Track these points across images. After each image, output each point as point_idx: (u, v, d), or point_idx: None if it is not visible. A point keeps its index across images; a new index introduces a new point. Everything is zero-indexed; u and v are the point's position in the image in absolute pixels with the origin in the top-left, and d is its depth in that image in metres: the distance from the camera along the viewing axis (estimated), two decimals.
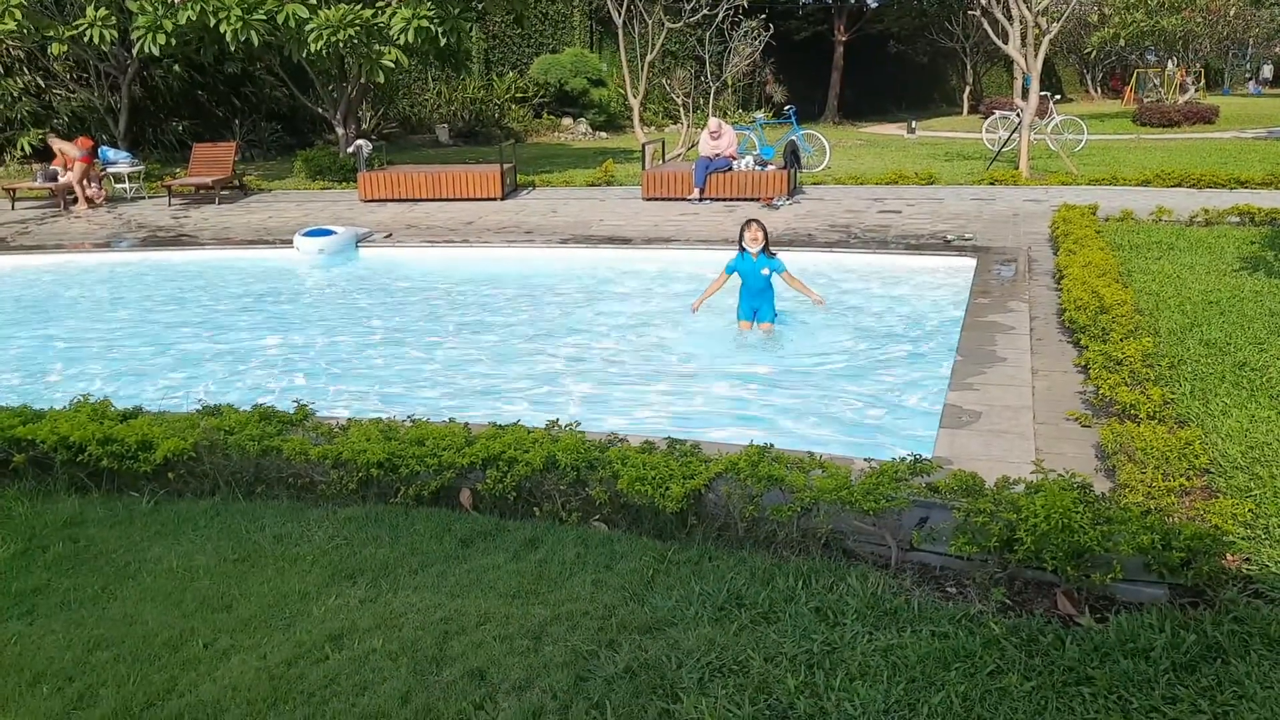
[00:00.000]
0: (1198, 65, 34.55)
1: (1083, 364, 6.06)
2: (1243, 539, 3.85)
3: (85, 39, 15.61)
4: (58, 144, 15.77)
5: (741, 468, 4.13)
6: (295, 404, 5.29)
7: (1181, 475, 4.29)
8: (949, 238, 10.77)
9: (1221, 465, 4.56)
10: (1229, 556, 3.67)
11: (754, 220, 7.77)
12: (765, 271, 7.62)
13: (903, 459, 4.22)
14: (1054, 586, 3.61)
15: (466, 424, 4.92)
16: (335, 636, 3.50)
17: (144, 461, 4.78)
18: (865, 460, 4.43)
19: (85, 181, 15.49)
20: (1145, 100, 31.76)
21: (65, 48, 16.30)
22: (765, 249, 7.64)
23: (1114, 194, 13.27)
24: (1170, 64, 33.25)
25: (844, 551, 3.99)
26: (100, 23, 15.17)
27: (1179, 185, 13.85)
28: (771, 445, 4.41)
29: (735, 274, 7.72)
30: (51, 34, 16.04)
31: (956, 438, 5.11)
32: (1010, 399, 5.65)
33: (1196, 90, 32.18)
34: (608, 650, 3.33)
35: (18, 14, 14.89)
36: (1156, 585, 3.53)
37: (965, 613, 3.48)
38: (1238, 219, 10.82)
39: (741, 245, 7.68)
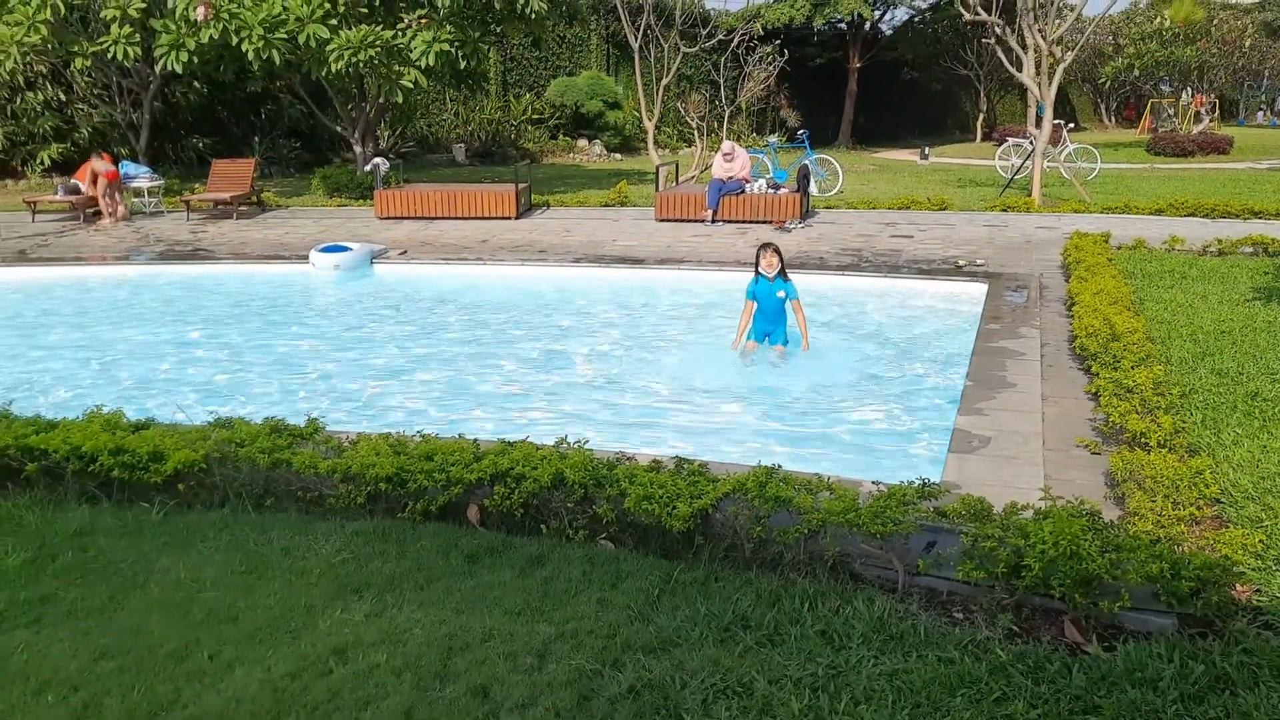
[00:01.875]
0: (1213, 96, 34.53)
1: (1093, 391, 6.05)
2: (1253, 570, 3.82)
3: (109, 55, 15.79)
4: (94, 165, 15.84)
5: (749, 488, 4.13)
6: (306, 417, 5.32)
7: (1192, 504, 4.26)
8: (960, 263, 10.77)
9: (1232, 495, 4.54)
10: (1239, 587, 3.64)
11: (770, 245, 7.80)
12: (780, 295, 7.65)
13: (911, 483, 4.21)
14: (1061, 614, 3.59)
15: (475, 440, 4.93)
16: (340, 650, 3.50)
17: (155, 472, 4.81)
18: (873, 483, 4.42)
19: (109, 196, 15.63)
20: (1159, 130, 31.75)
21: (89, 63, 16.50)
22: (781, 273, 7.67)
23: (1127, 222, 13.26)
24: (1185, 93, 33.26)
25: (851, 575, 3.98)
26: (124, 40, 15.35)
27: (1192, 215, 13.83)
28: (779, 466, 4.41)
29: (754, 298, 7.74)
30: (76, 50, 16.24)
31: (965, 462, 5.10)
32: (1020, 425, 5.64)
33: (1211, 120, 32.16)
34: (612, 670, 3.33)
35: (43, 29, 15.09)
36: (1165, 615, 3.51)
37: (972, 639, 3.46)
38: (1251, 249, 10.80)
39: (757, 270, 7.72)
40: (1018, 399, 6.13)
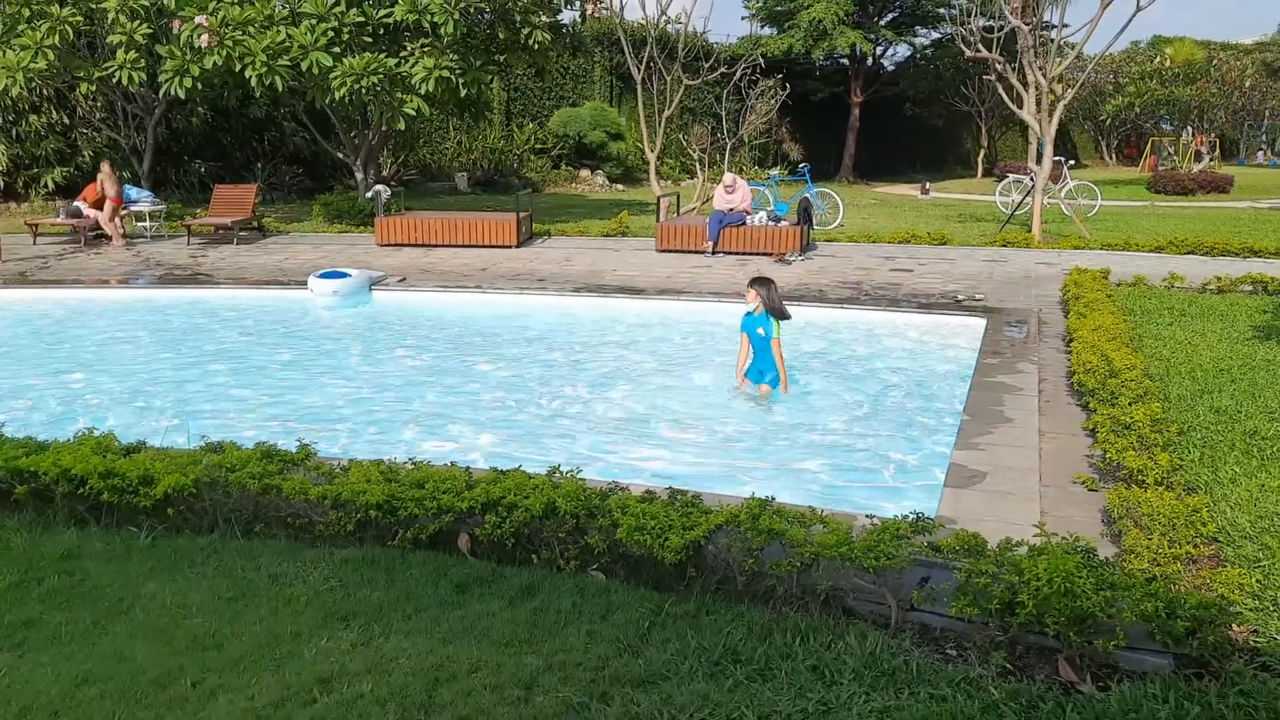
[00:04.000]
0: (1213, 135, 34.74)
1: (1091, 428, 6.02)
2: (1250, 610, 3.78)
3: (114, 80, 15.90)
4: (105, 176, 15.82)
5: (742, 520, 4.09)
6: (298, 443, 5.29)
7: (1188, 543, 4.23)
8: (960, 298, 10.78)
9: (1230, 534, 4.50)
10: (1235, 627, 3.60)
11: (755, 280, 7.74)
12: (760, 331, 7.60)
13: (905, 517, 4.17)
14: (1056, 652, 3.54)
15: (467, 468, 4.90)
16: (324, 679, 3.46)
17: (144, 496, 4.77)
18: (867, 517, 4.39)
19: (114, 219, 15.60)
20: (1160, 168, 31.91)
21: (94, 88, 16.61)
22: (772, 311, 7.59)
23: (1126, 259, 13.28)
24: (1186, 132, 33.46)
25: (843, 609, 3.93)
26: (129, 65, 15.46)
27: (1192, 253, 13.86)
28: (773, 499, 4.38)
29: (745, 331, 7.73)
30: (82, 75, 16.35)
31: (961, 497, 5.06)
32: (1016, 460, 5.61)
33: (1212, 159, 32.33)
34: (599, 703, 3.28)
35: (49, 54, 15.19)
36: (1161, 654, 3.47)
37: (965, 676, 3.41)
38: (1251, 288, 10.80)
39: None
40: (1015, 434, 6.11)
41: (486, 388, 8.24)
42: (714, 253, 14.42)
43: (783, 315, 7.60)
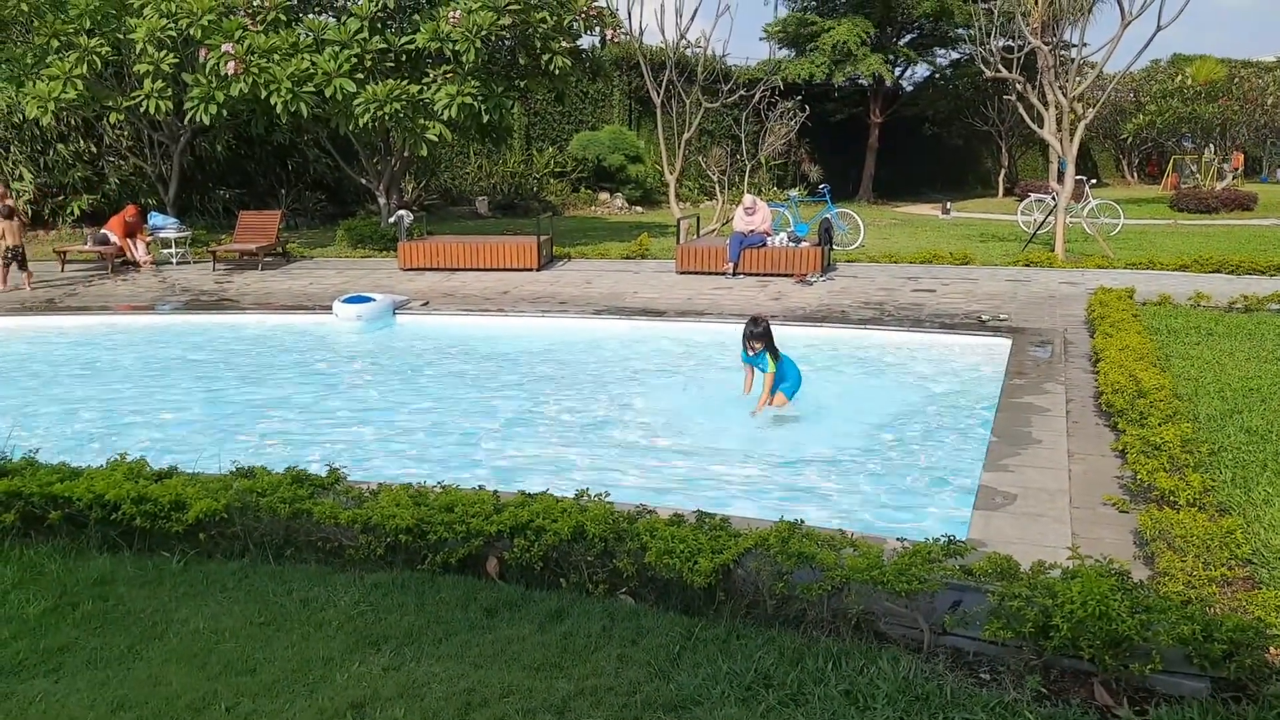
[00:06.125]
0: (1236, 153, 34.55)
1: (1120, 448, 5.97)
2: None
3: (141, 109, 16.14)
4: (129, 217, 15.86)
5: (771, 544, 4.08)
6: (327, 467, 5.32)
7: (1223, 565, 4.18)
8: (984, 318, 10.74)
9: (1264, 556, 4.45)
10: (1272, 650, 3.56)
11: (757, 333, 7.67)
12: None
13: (936, 540, 4.15)
14: (1091, 676, 3.51)
15: (495, 491, 4.92)
16: (357, 705, 3.47)
17: (176, 521, 4.81)
18: (898, 540, 4.37)
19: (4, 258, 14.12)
20: (1183, 186, 31.73)
21: (122, 117, 16.87)
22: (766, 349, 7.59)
23: (1151, 278, 13.20)
24: (1208, 150, 33.28)
25: (875, 633, 3.91)
26: (157, 94, 15.69)
27: (1217, 271, 13.76)
28: (802, 521, 4.37)
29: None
30: (110, 104, 16.60)
31: (991, 520, 5.03)
32: (1046, 482, 5.57)
33: (1234, 177, 32.13)
34: None
35: (79, 84, 15.45)
36: (1198, 678, 3.43)
37: (999, 700, 3.39)
38: (1278, 306, 10.71)
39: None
40: (1044, 455, 6.07)
41: (510, 410, 8.26)
42: (734, 274, 14.45)
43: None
